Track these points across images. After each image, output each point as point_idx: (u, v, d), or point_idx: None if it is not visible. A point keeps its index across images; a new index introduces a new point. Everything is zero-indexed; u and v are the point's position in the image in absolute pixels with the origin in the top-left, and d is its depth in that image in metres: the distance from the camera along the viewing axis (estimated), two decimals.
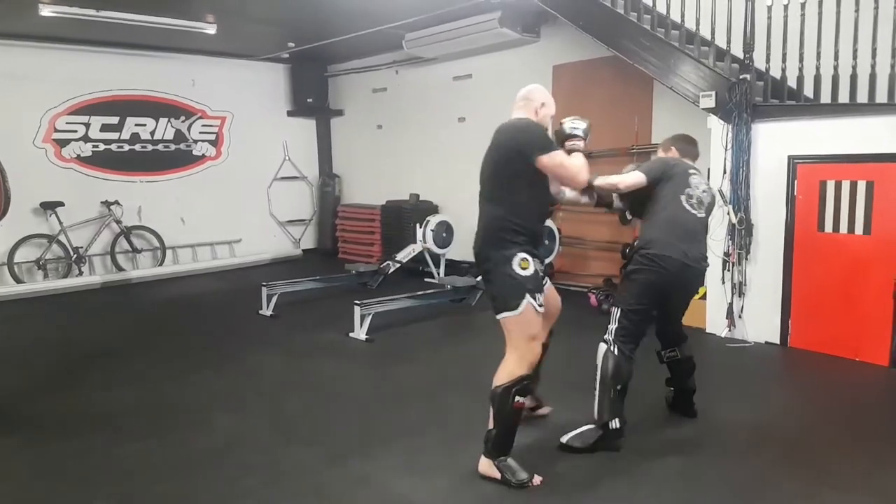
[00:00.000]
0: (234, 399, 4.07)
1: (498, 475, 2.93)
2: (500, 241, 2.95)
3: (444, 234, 7.56)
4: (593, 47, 6.14)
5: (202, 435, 3.52)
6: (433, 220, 7.54)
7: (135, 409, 3.91)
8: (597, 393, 3.21)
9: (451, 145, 8.36)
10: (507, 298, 2.90)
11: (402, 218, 8.38)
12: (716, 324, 5.29)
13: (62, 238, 7.81)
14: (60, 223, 7.77)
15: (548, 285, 3.26)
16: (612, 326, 3.25)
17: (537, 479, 2.92)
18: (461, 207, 8.10)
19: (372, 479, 3.03)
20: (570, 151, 3.11)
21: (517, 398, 2.89)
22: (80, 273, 7.92)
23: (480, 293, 6.29)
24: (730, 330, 5.20)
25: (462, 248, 7.82)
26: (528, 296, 2.88)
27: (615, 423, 3.18)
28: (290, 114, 9.87)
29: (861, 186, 4.53)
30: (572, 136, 3.18)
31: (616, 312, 3.27)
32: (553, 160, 2.96)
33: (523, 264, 2.91)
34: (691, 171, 3.51)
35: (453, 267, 7.69)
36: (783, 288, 4.95)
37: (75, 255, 7.89)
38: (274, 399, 4.07)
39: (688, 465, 3.15)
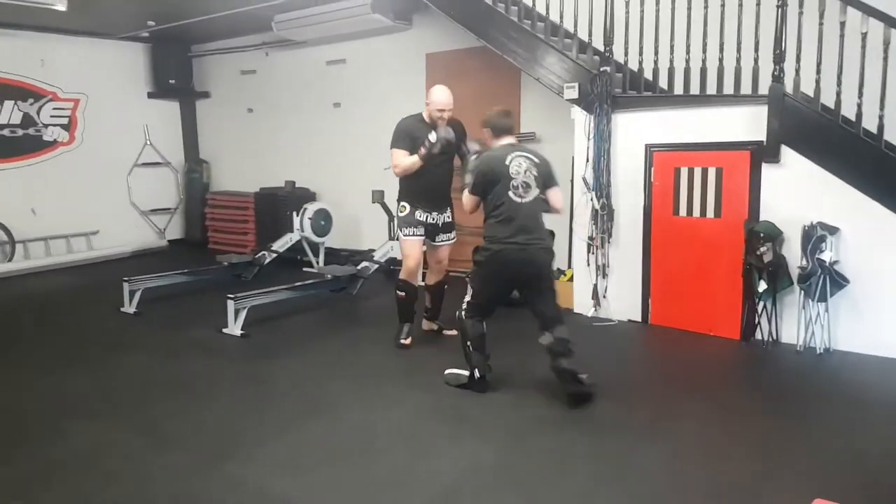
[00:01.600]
0: (94, 404, 3.80)
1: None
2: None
3: (323, 221, 7.40)
4: (465, 37, 6.20)
5: (57, 445, 3.25)
6: (311, 208, 7.35)
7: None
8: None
9: (327, 131, 8.19)
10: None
11: (277, 206, 8.07)
12: (583, 304, 5.54)
13: None
14: None
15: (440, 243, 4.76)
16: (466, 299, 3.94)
17: (407, 341, 4.67)
18: (340, 194, 8.00)
19: (248, 480, 2.93)
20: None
21: (397, 291, 4.70)
22: None
23: (362, 282, 6.24)
24: (595, 310, 5.47)
25: (342, 236, 7.73)
26: (403, 228, 4.59)
27: (477, 373, 3.85)
28: (150, 95, 9.25)
29: (711, 173, 4.86)
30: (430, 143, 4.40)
31: (468, 292, 3.94)
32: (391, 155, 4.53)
33: (401, 209, 4.61)
34: (510, 156, 3.79)
35: (333, 255, 7.57)
36: (643, 269, 5.25)
37: None
38: (139, 402, 3.84)
39: (557, 450, 3.30)
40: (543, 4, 5.49)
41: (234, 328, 5.10)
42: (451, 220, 4.77)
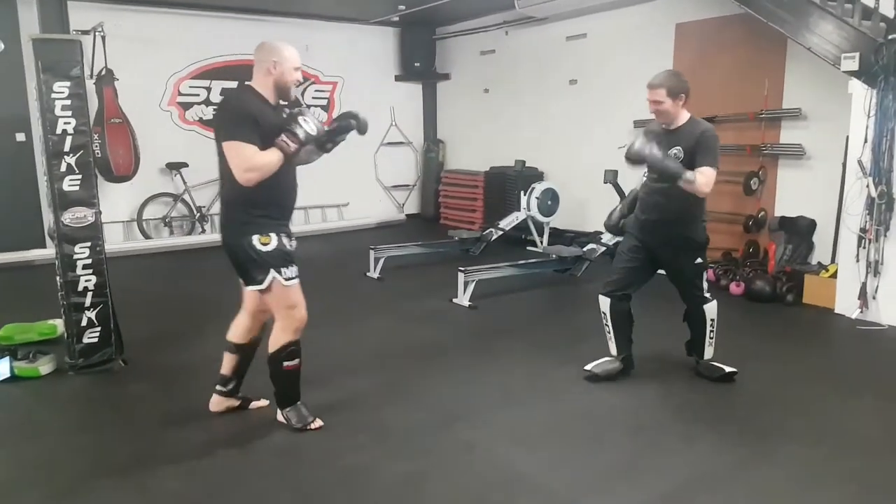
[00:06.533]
0: (345, 359, 4.18)
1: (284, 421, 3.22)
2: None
3: (550, 202, 7.38)
4: (721, 4, 5.74)
5: (318, 392, 3.55)
6: (538, 188, 7.38)
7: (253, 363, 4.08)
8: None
9: (560, 109, 8.12)
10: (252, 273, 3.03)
11: (505, 185, 8.28)
12: (846, 305, 4.90)
13: (186, 197, 8.25)
14: (185, 183, 8.19)
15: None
16: None
17: (317, 423, 3.21)
18: (568, 174, 7.92)
19: (478, 445, 3.04)
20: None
21: (285, 363, 3.12)
22: (203, 231, 8.35)
23: (587, 264, 6.13)
24: (861, 311, 4.81)
25: (567, 217, 7.66)
26: (272, 271, 3.00)
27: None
28: (397, 78, 9.90)
29: None
30: (292, 133, 3.03)
31: None
32: (230, 150, 2.87)
33: (263, 240, 2.98)
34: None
35: (557, 236, 7.52)
36: None
37: (198, 214, 8.32)
38: (382, 361, 4.16)
39: (811, 463, 2.94)
40: None
41: (463, 299, 5.31)
42: None
